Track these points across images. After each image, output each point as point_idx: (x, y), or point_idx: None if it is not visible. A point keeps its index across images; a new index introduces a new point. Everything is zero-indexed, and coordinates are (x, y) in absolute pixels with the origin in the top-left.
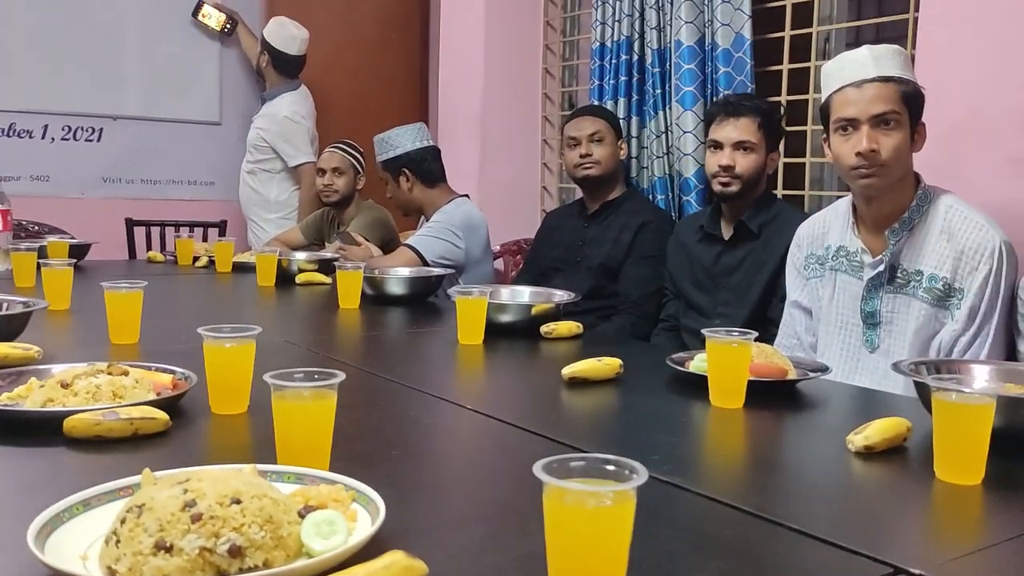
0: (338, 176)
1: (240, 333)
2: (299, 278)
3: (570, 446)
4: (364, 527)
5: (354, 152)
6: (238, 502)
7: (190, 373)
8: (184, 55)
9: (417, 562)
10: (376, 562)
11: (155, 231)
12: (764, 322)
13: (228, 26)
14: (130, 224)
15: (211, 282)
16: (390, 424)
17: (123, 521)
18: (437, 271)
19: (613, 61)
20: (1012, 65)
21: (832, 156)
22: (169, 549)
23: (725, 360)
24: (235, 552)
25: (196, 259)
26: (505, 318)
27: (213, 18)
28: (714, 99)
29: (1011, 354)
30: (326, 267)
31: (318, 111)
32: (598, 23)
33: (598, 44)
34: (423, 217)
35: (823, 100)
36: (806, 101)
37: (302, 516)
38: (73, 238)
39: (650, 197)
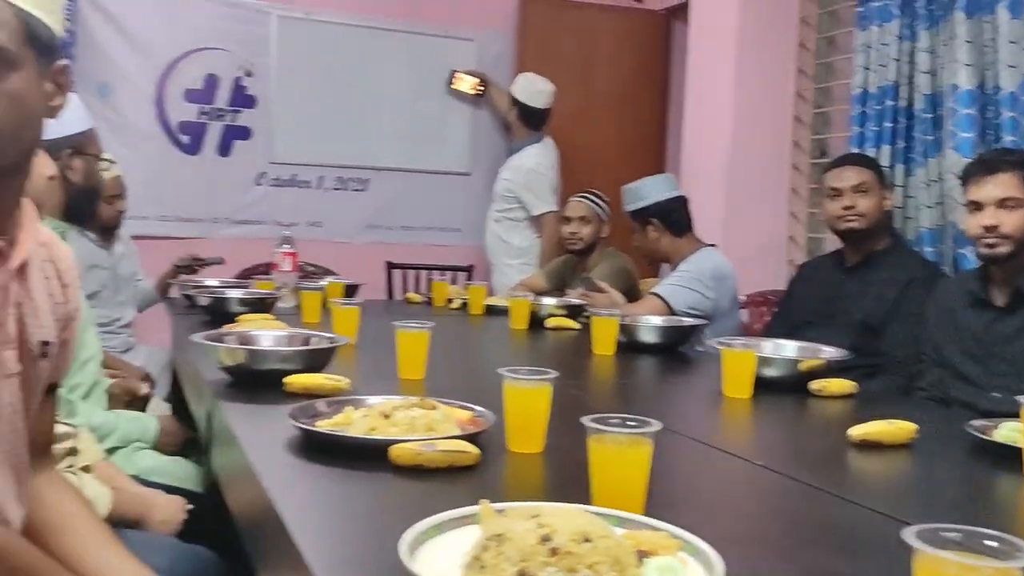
0: (584, 225)
1: (538, 376)
2: (549, 322)
3: (871, 509)
4: None
5: (599, 201)
6: (588, 540)
7: (486, 411)
8: (439, 113)
9: None
10: None
11: (410, 274)
12: None
13: (480, 89)
14: (390, 267)
15: (466, 323)
16: (681, 473)
17: (485, 548)
18: (691, 321)
19: (877, 107)
20: None
21: None
22: None
23: None
24: None
25: (450, 301)
26: (770, 372)
27: (466, 83)
28: (994, 146)
29: None
30: (573, 312)
31: (561, 161)
32: (860, 68)
33: (860, 90)
34: (668, 266)
35: None
36: None
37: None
38: (343, 279)
39: (917, 250)
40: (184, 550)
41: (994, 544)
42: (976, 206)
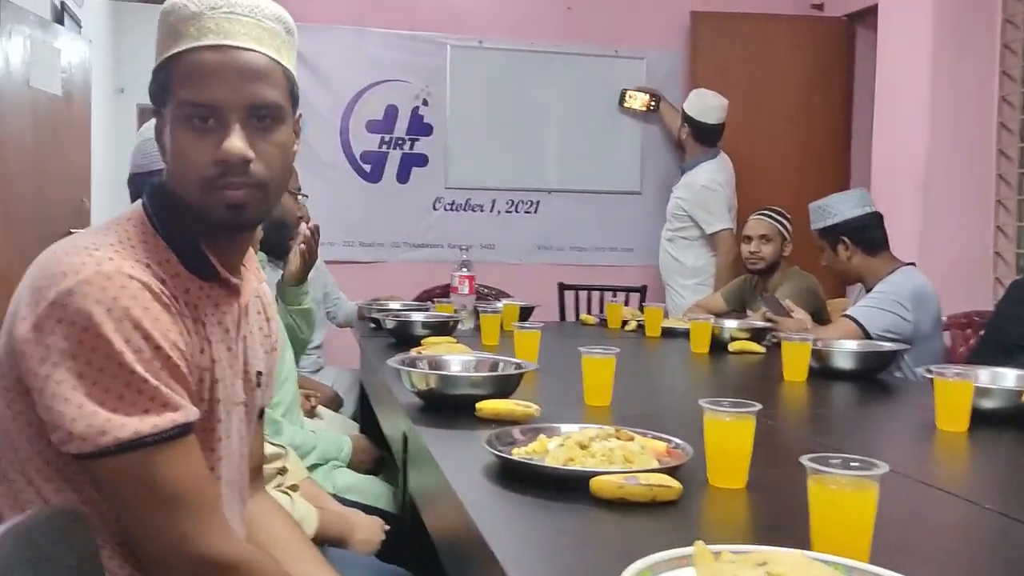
0: (765, 243)
1: (741, 408)
2: (732, 346)
3: None
4: None
5: (781, 219)
6: None
7: (683, 443)
8: (609, 133)
9: None
10: None
11: (582, 295)
12: None
13: (652, 105)
14: (562, 288)
15: (643, 346)
16: (901, 516)
17: None
18: (890, 346)
19: None
20: None
21: None
22: None
23: None
24: None
25: (625, 323)
26: (988, 404)
27: (638, 100)
28: None
29: None
30: (757, 336)
31: (737, 177)
32: None
33: None
34: (855, 287)
35: None
36: None
37: None
38: (518, 301)
39: None
40: (384, 570)
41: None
42: None
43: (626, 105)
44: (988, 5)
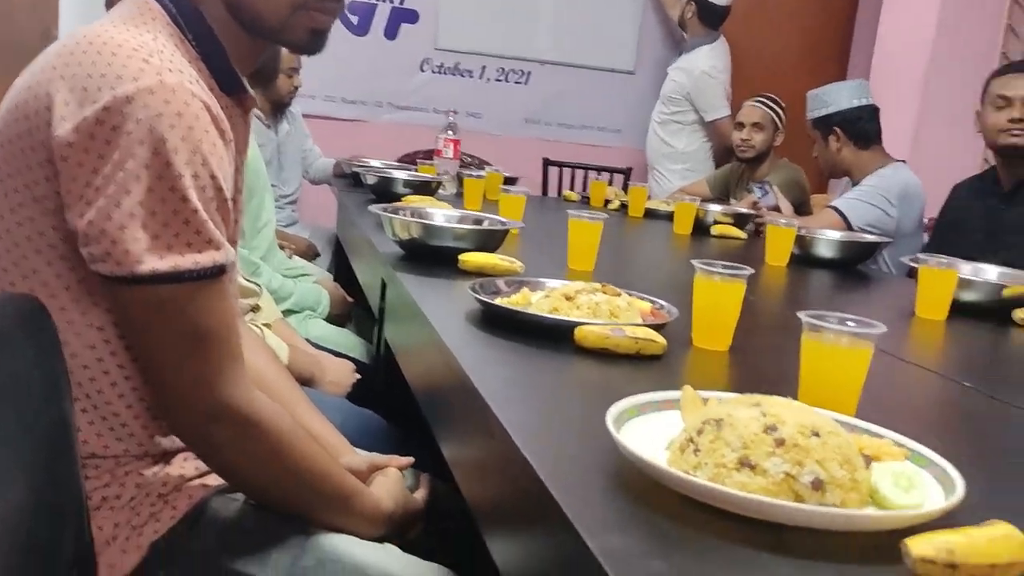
0: (757, 131)
1: (733, 271)
2: (715, 229)
3: None
4: (934, 489)
5: (776, 107)
6: (817, 435)
7: (668, 304)
8: (608, 6)
9: None
10: (992, 529)
11: (566, 172)
12: None
13: None
14: (546, 164)
15: (626, 225)
16: (886, 386)
17: (701, 432)
18: (872, 238)
19: None
20: None
21: None
22: (753, 467)
23: None
24: (817, 485)
25: (608, 202)
26: (968, 297)
27: None
28: None
29: None
30: (740, 221)
31: (735, 64)
32: None
33: None
34: (842, 182)
35: None
36: None
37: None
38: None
39: None
40: (354, 411)
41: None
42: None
43: None
44: None
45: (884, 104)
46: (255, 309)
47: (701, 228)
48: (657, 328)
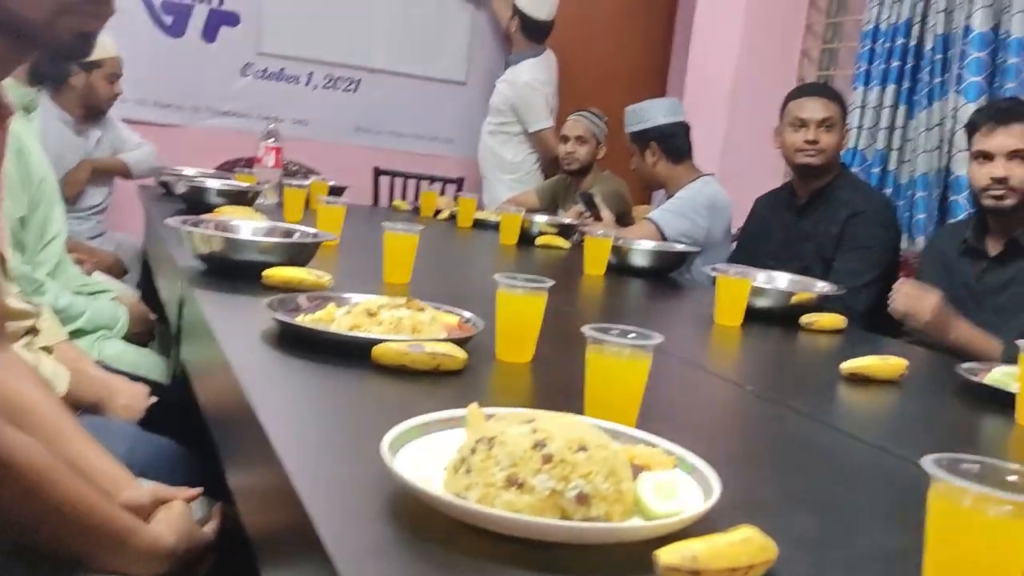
0: (580, 144)
1: (534, 284)
2: (539, 240)
3: (861, 439)
4: (695, 495)
5: (598, 121)
6: (584, 449)
7: (475, 316)
8: (437, 17)
9: (771, 542)
10: (734, 534)
11: (398, 181)
12: None
13: None
14: (377, 173)
15: (454, 235)
16: (672, 393)
17: (474, 451)
18: (681, 248)
19: (887, 45)
20: None
21: None
22: (520, 485)
23: None
24: (582, 500)
25: (438, 212)
26: (762, 303)
27: None
28: (999, 92)
29: None
30: (565, 232)
31: (561, 77)
32: (875, 4)
33: (872, 26)
34: (661, 193)
35: None
36: None
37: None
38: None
39: (910, 194)
40: (144, 438)
41: (1014, 478)
42: (985, 156)
43: None
44: None
45: (696, 122)
46: (32, 331)
47: (527, 238)
48: (461, 342)
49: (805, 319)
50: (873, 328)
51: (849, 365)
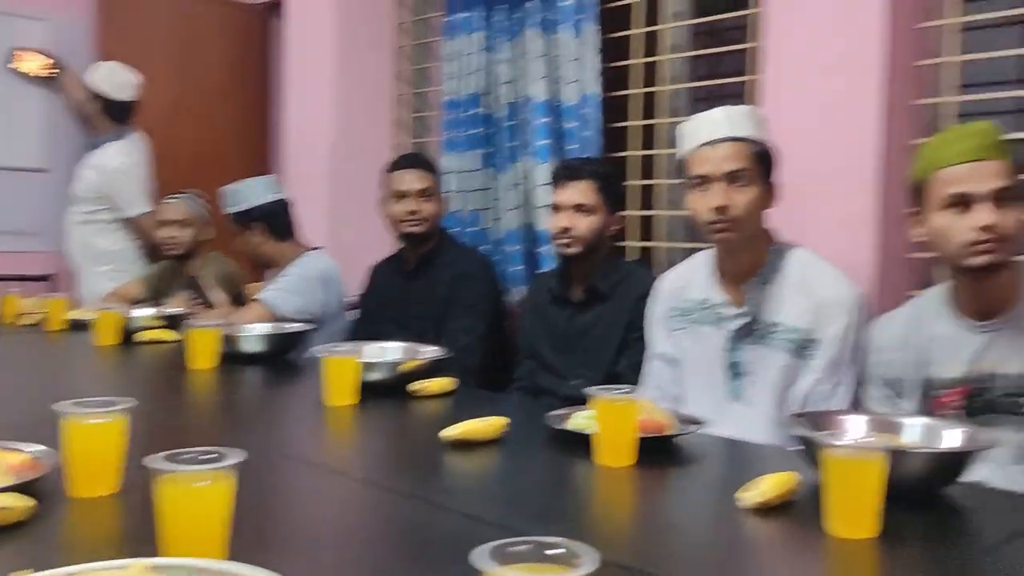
0: (182, 228)
1: (108, 408)
2: (142, 336)
3: (459, 512)
4: None
5: (199, 202)
6: None
7: (47, 450)
8: (5, 100)
9: None
10: None
11: None
12: (615, 380)
13: (53, 71)
14: None
15: (43, 342)
16: (273, 500)
17: None
18: (297, 327)
19: (464, 113)
20: (837, 130)
21: (691, 211)
22: None
23: (614, 418)
24: None
25: (21, 316)
26: (374, 376)
27: (32, 63)
28: (566, 153)
29: (858, 402)
30: (174, 323)
31: (157, 160)
32: (449, 76)
33: (450, 97)
34: (274, 270)
35: (681, 157)
36: (659, 157)
37: None
38: None
39: (504, 249)
40: None
41: (560, 551)
42: (556, 208)
43: (14, 66)
44: (382, 9)
45: (300, 195)
46: None
47: (131, 335)
48: (28, 485)
49: (413, 387)
50: (488, 383)
51: (450, 433)
